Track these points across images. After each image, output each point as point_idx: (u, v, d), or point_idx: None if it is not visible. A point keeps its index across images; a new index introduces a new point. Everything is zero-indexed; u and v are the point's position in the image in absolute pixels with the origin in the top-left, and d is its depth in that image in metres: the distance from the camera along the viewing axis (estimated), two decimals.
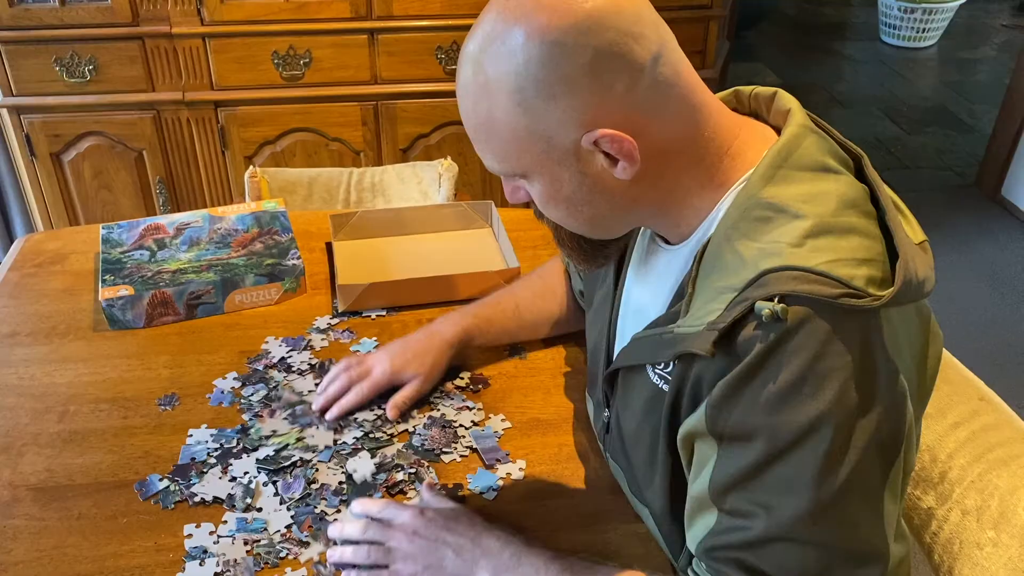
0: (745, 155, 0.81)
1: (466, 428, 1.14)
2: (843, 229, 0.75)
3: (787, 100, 0.85)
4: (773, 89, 0.87)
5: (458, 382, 1.22)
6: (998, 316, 2.76)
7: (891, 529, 0.77)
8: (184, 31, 2.30)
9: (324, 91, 2.43)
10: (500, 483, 1.07)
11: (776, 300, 0.70)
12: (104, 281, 1.34)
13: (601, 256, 0.92)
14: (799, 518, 0.73)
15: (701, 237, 0.83)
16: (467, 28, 2.43)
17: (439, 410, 1.17)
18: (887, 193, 0.80)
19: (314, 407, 1.16)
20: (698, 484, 0.80)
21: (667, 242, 0.89)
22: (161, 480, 1.06)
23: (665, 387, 0.84)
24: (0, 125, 2.47)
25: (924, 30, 4.87)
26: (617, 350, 0.98)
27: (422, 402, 1.18)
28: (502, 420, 1.16)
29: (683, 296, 0.81)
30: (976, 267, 3.03)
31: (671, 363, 0.83)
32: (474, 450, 1.11)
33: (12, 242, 1.97)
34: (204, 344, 1.30)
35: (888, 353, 0.73)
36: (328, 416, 1.14)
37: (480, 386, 1.22)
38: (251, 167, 1.85)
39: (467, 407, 1.18)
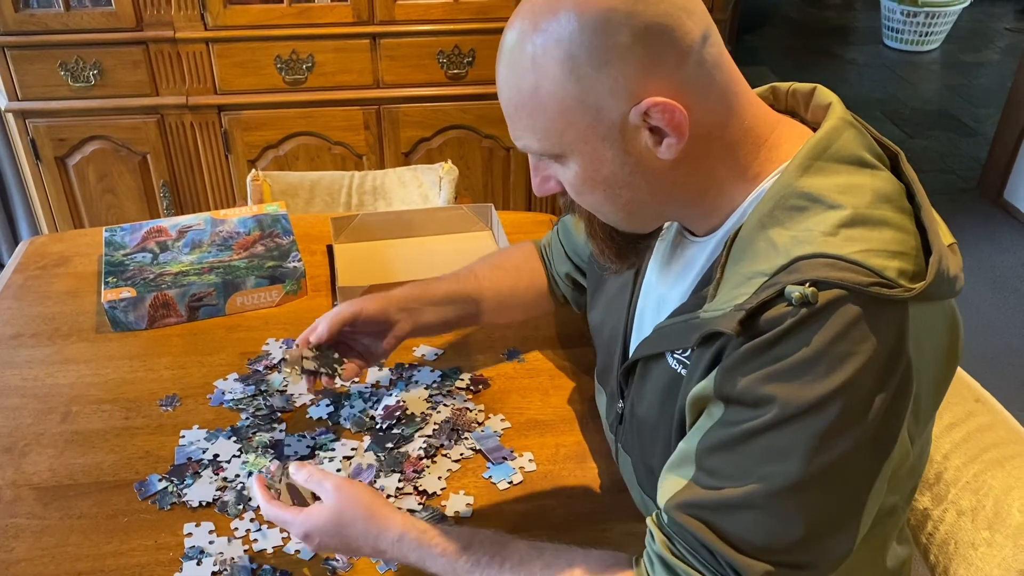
0: (781, 148, 0.82)
1: (469, 432, 1.15)
2: (877, 221, 0.76)
3: (827, 94, 0.86)
4: (812, 85, 0.88)
5: (459, 383, 1.23)
6: (999, 319, 2.76)
7: (864, 529, 0.77)
8: (188, 36, 2.32)
9: (327, 95, 2.45)
10: (518, 472, 1.09)
11: (807, 285, 0.71)
12: (107, 283, 1.35)
13: (633, 253, 0.91)
14: (777, 491, 0.73)
15: (730, 227, 0.83)
16: (468, 33, 2.43)
17: (441, 412, 1.18)
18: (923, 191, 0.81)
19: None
20: (688, 441, 0.80)
21: (692, 234, 0.90)
22: (160, 480, 1.07)
23: (683, 371, 0.85)
24: (5, 129, 2.49)
25: (927, 34, 4.87)
26: (634, 342, 0.99)
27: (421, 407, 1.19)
28: (501, 420, 1.17)
29: (709, 283, 0.82)
30: (978, 270, 3.03)
31: (691, 348, 0.83)
32: (477, 451, 1.12)
33: (17, 245, 1.99)
34: (205, 345, 1.31)
35: (908, 348, 0.73)
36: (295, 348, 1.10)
37: (480, 387, 1.23)
38: (253, 171, 1.86)
39: (467, 408, 1.18)
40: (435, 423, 1.16)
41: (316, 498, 0.92)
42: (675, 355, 0.86)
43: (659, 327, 0.89)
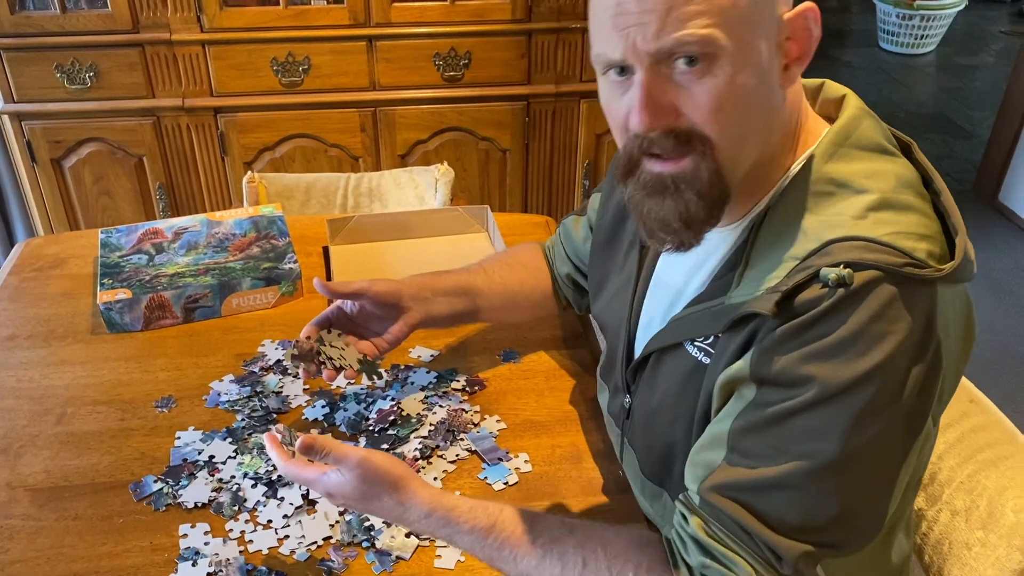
0: (813, 132, 0.84)
1: (465, 433, 1.15)
2: (903, 205, 0.77)
3: (838, 87, 0.88)
4: (820, 80, 0.90)
5: (455, 384, 1.23)
6: (995, 321, 2.77)
7: (894, 506, 0.79)
8: (184, 38, 2.32)
9: (323, 98, 2.45)
10: (513, 472, 1.09)
11: (842, 267, 0.72)
12: (103, 285, 1.35)
13: (699, 230, 0.81)
14: (814, 470, 0.74)
15: (749, 216, 0.84)
16: (464, 35, 2.42)
17: (437, 413, 1.18)
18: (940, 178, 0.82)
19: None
20: (718, 424, 0.80)
21: None
22: (156, 482, 1.07)
23: (706, 359, 0.85)
24: (1, 131, 2.49)
25: (922, 37, 4.89)
26: (641, 336, 0.99)
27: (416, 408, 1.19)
28: (497, 421, 1.17)
29: (730, 270, 0.83)
30: None
31: (714, 336, 0.83)
32: (473, 452, 1.12)
33: (12, 247, 1.99)
34: (201, 347, 1.31)
35: (937, 327, 0.75)
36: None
37: (476, 388, 1.23)
38: (249, 172, 1.86)
39: (463, 409, 1.19)
40: (431, 424, 1.16)
41: None
42: (696, 343, 0.86)
43: (676, 318, 0.89)
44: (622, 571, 0.81)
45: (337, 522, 1.01)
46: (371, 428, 1.15)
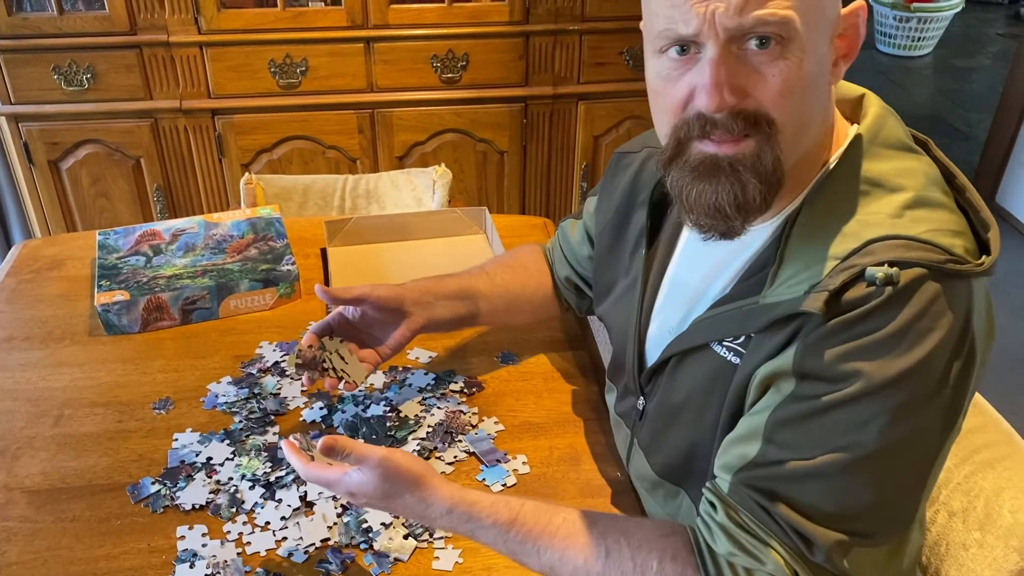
0: (841, 131, 0.85)
1: (463, 434, 1.15)
2: (935, 203, 0.78)
3: (855, 87, 0.89)
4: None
5: (453, 386, 1.23)
6: None
7: (926, 498, 0.80)
8: (181, 40, 2.32)
9: (321, 99, 2.45)
10: (512, 474, 1.09)
11: (886, 265, 0.73)
12: (100, 286, 1.35)
13: (743, 219, 0.80)
14: (853, 461, 0.75)
15: (783, 213, 0.84)
16: (462, 37, 2.43)
17: (435, 415, 1.18)
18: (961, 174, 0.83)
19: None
20: (754, 416, 0.80)
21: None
22: (153, 484, 1.07)
23: (735, 359, 0.84)
24: None
25: (919, 39, 4.90)
26: (653, 338, 0.98)
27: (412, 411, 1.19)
28: (495, 423, 1.17)
29: (759, 271, 0.83)
30: None
31: (744, 336, 0.83)
32: (471, 453, 1.12)
33: (10, 248, 1.98)
34: (199, 349, 1.31)
35: (973, 323, 0.76)
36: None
37: (474, 389, 1.23)
38: (247, 174, 1.86)
39: (461, 411, 1.19)
40: (429, 426, 1.16)
41: None
42: (724, 343, 0.86)
43: (701, 319, 0.89)
44: (646, 560, 0.81)
45: (335, 524, 1.01)
46: (370, 432, 1.15)
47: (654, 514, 1.02)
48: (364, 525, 1.01)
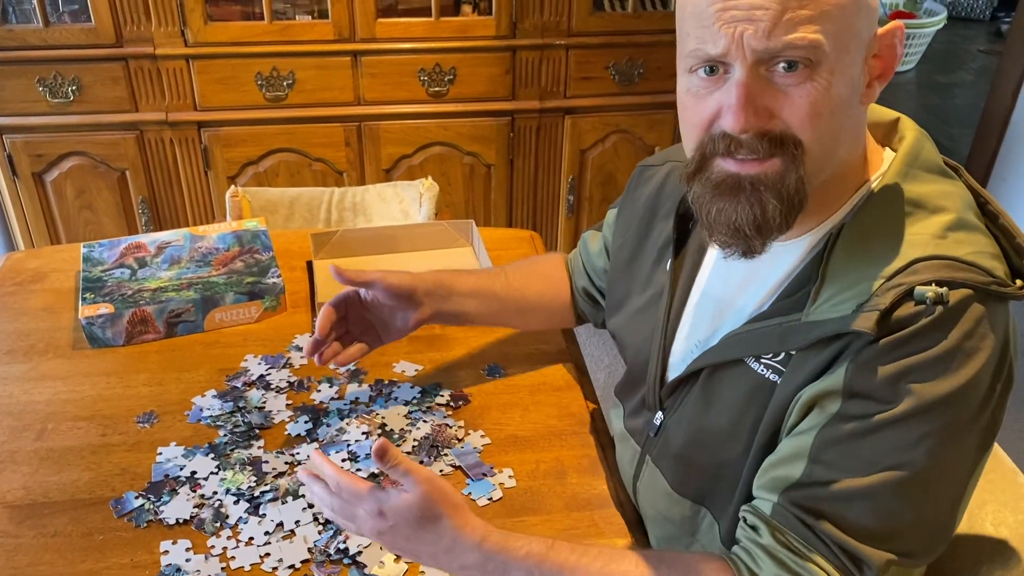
0: (875, 152, 0.86)
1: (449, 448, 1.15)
2: (972, 226, 0.80)
3: (888, 110, 0.90)
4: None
5: (439, 399, 1.23)
6: None
7: (962, 516, 0.80)
8: (168, 52, 2.32)
9: (307, 112, 2.45)
10: (498, 488, 1.09)
11: (934, 285, 0.74)
12: (84, 299, 1.34)
13: (763, 239, 0.81)
14: (903, 481, 0.75)
15: (818, 231, 0.85)
16: (449, 51, 2.44)
17: (421, 428, 1.18)
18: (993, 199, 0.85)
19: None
20: (798, 437, 0.79)
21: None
22: (137, 498, 1.06)
23: (773, 376, 0.84)
24: None
25: (903, 55, 4.95)
26: (679, 351, 0.97)
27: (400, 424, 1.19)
28: (481, 436, 1.17)
29: (802, 287, 0.83)
30: None
31: (784, 353, 0.83)
32: (457, 467, 1.12)
33: None
34: (183, 362, 1.30)
35: (1012, 343, 0.78)
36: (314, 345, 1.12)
37: (460, 403, 1.23)
38: (232, 187, 1.86)
39: (447, 424, 1.18)
40: (414, 439, 1.16)
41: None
42: (761, 360, 0.85)
43: (735, 334, 0.88)
44: None
45: (314, 547, 1.01)
46: (353, 450, 1.15)
47: (666, 534, 1.01)
48: (343, 546, 1.00)
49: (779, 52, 0.73)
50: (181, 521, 1.03)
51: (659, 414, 0.99)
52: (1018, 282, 0.78)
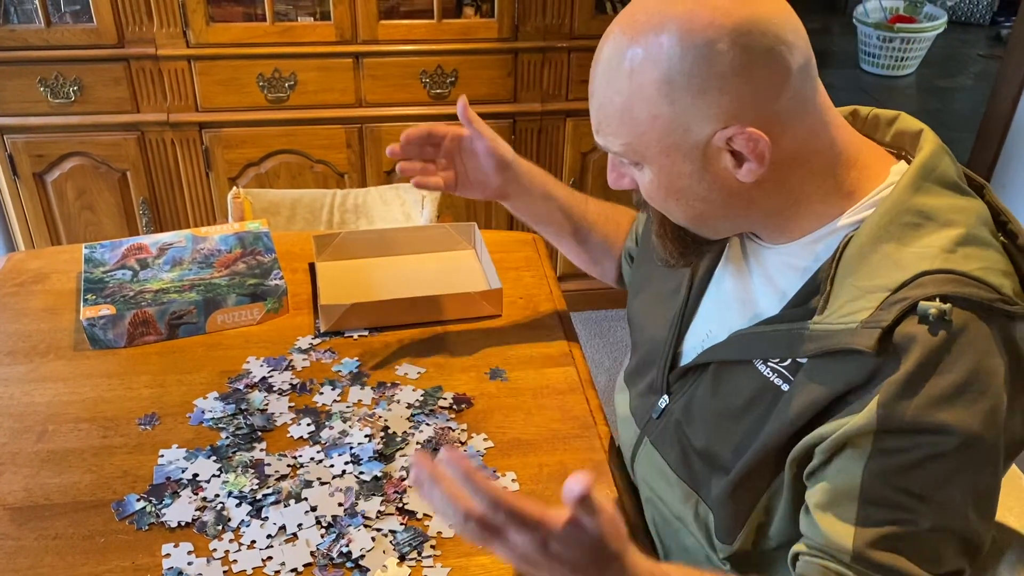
0: (872, 168, 0.85)
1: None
2: (984, 242, 0.80)
3: (914, 122, 0.90)
4: (895, 112, 0.92)
5: (442, 403, 1.23)
6: None
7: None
8: (170, 53, 2.31)
9: (309, 114, 2.44)
10: None
11: (937, 300, 0.73)
12: (86, 300, 1.34)
13: (697, 254, 0.94)
14: (960, 509, 0.75)
15: (822, 237, 0.85)
16: (451, 53, 2.43)
17: (423, 431, 1.17)
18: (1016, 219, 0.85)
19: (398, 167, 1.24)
20: (838, 479, 0.78)
21: (759, 239, 0.91)
22: (138, 500, 1.05)
23: (781, 383, 0.84)
24: None
25: (903, 59, 4.95)
26: (692, 340, 0.99)
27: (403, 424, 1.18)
28: (484, 440, 1.16)
29: (811, 295, 0.83)
30: None
31: (792, 359, 0.83)
32: None
33: None
34: (185, 364, 1.30)
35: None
36: (393, 150, 1.23)
37: (463, 406, 1.22)
38: (234, 188, 1.85)
39: (450, 427, 1.18)
40: (417, 443, 1.15)
41: None
42: (769, 363, 0.86)
43: (743, 333, 0.89)
44: None
45: (316, 551, 1.00)
46: (356, 452, 1.14)
47: (671, 514, 0.99)
48: (345, 549, 1.00)
49: (605, 146, 0.86)
50: (183, 524, 1.02)
51: (665, 397, 1.00)
52: None
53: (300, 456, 1.12)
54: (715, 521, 0.92)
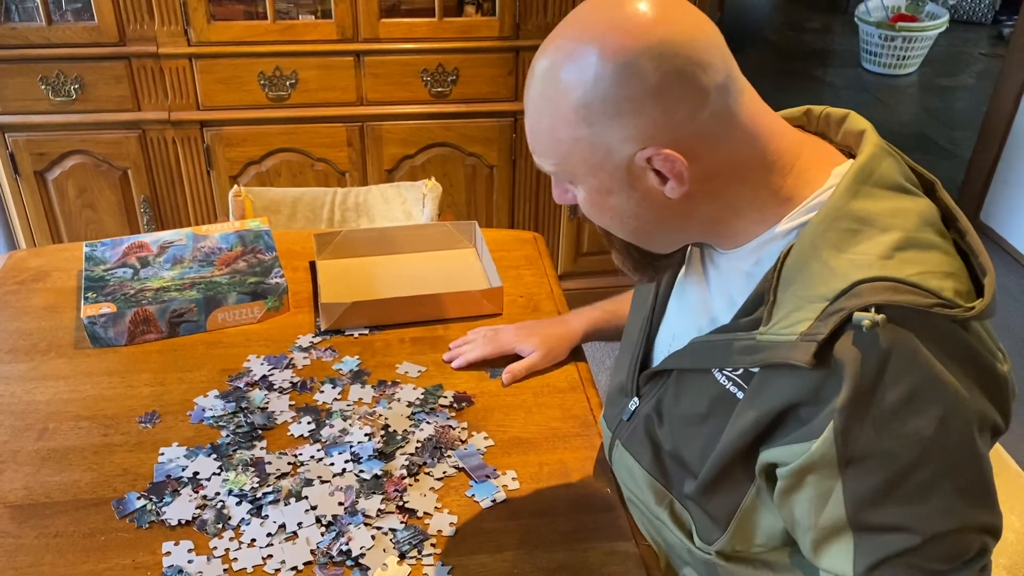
0: (810, 172, 0.84)
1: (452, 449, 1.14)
2: (926, 244, 0.78)
3: (859, 122, 0.88)
4: (845, 111, 0.91)
5: (442, 401, 1.23)
6: None
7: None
8: (171, 51, 2.31)
9: (310, 112, 2.44)
10: (501, 490, 1.09)
11: (872, 310, 0.73)
12: (87, 298, 1.34)
13: (651, 268, 0.94)
14: (953, 510, 0.75)
15: (764, 242, 0.85)
16: (452, 51, 2.44)
17: (424, 430, 1.17)
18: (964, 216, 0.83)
19: (444, 357, 1.31)
20: (827, 515, 0.78)
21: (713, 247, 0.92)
22: (139, 498, 1.05)
23: (736, 391, 0.84)
24: None
25: (904, 57, 4.94)
26: (661, 343, 1.00)
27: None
28: (485, 438, 1.16)
29: (759, 305, 0.83)
30: None
31: (744, 369, 0.84)
32: (460, 469, 1.12)
33: None
34: (186, 362, 1.30)
35: (983, 347, 0.77)
36: (454, 365, 1.30)
37: (463, 404, 1.22)
38: (235, 186, 1.85)
39: (451, 426, 1.18)
40: (418, 441, 1.15)
41: None
42: (724, 372, 0.86)
43: (698, 341, 0.90)
44: None
45: (316, 549, 1.00)
46: (355, 450, 1.14)
47: (650, 512, 1.00)
48: (345, 547, 1.00)
49: (541, 167, 0.87)
50: (183, 522, 1.03)
51: (635, 400, 1.00)
52: (977, 303, 0.75)
53: (300, 454, 1.12)
54: (693, 522, 0.92)
